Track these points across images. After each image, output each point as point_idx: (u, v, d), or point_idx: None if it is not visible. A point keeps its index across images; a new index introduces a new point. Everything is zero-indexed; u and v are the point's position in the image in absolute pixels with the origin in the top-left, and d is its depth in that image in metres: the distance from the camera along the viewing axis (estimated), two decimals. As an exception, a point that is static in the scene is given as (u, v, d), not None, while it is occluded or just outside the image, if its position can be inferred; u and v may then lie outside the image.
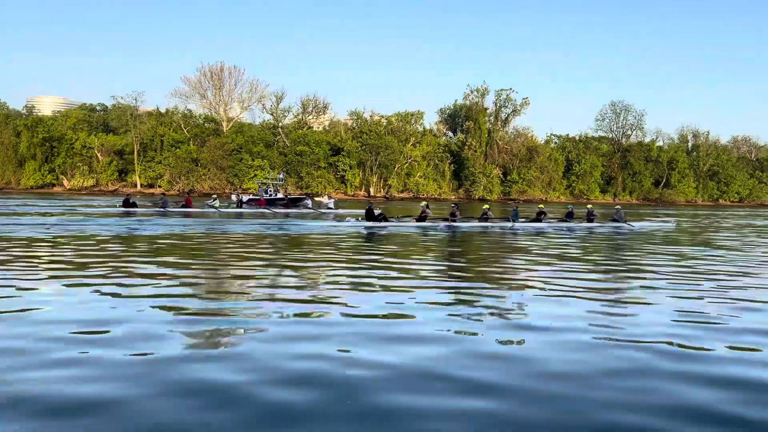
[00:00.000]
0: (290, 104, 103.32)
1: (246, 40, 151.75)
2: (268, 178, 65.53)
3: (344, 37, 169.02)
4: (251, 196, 55.01)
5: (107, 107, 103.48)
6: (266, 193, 55.15)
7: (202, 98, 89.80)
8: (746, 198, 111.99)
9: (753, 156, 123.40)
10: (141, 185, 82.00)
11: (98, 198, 61.44)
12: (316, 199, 53.26)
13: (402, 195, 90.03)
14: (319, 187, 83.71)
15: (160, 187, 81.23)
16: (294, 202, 45.68)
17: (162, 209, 31.81)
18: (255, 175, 77.49)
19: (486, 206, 27.63)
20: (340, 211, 37.42)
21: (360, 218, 24.33)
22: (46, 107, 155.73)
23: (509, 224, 24.60)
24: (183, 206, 33.69)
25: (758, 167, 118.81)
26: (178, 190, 78.57)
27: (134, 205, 32.16)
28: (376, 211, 24.38)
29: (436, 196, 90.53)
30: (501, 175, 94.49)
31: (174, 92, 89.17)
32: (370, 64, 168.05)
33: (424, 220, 23.76)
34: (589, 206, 28.91)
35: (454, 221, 24.06)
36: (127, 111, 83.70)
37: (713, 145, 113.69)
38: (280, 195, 55.39)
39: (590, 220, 26.68)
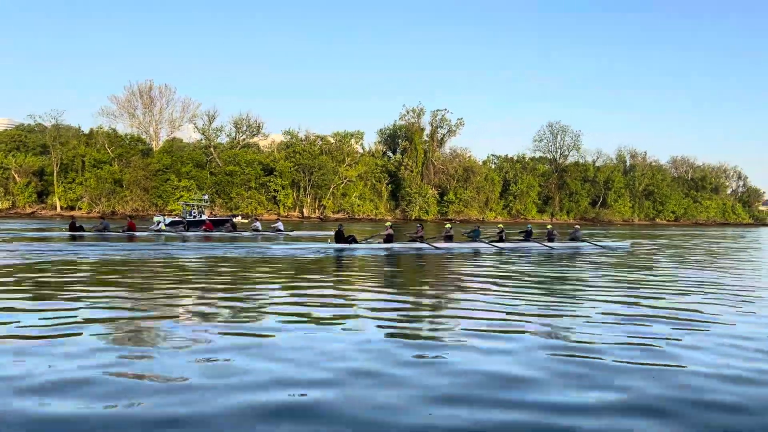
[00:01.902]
0: (222, 123, 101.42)
1: (182, 60, 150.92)
2: (193, 200, 63.78)
3: (287, 61, 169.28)
4: (174, 218, 53.13)
5: (46, 127, 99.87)
6: (190, 214, 53.45)
7: (131, 117, 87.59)
8: (681, 217, 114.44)
9: (689, 176, 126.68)
10: (61, 207, 78.74)
11: (13, 221, 58.02)
12: (234, 220, 51.73)
13: (337, 216, 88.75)
14: (249, 208, 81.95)
15: (80, 209, 78.27)
16: (216, 225, 43.98)
17: (103, 233, 30.60)
18: (181, 197, 75.21)
19: (448, 225, 26.86)
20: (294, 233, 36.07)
21: (330, 240, 23.74)
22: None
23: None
24: (126, 230, 32.47)
25: (693, 187, 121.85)
26: (99, 212, 75.70)
27: (81, 228, 31.17)
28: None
29: (372, 216, 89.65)
30: (437, 195, 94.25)
31: (101, 111, 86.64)
32: (313, 88, 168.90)
33: (391, 241, 23.10)
34: (549, 226, 28.50)
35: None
36: (46, 130, 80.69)
37: (648, 165, 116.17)
38: (204, 217, 53.71)
39: (551, 240, 25.58)
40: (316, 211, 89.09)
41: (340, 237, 22.56)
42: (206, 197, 63.81)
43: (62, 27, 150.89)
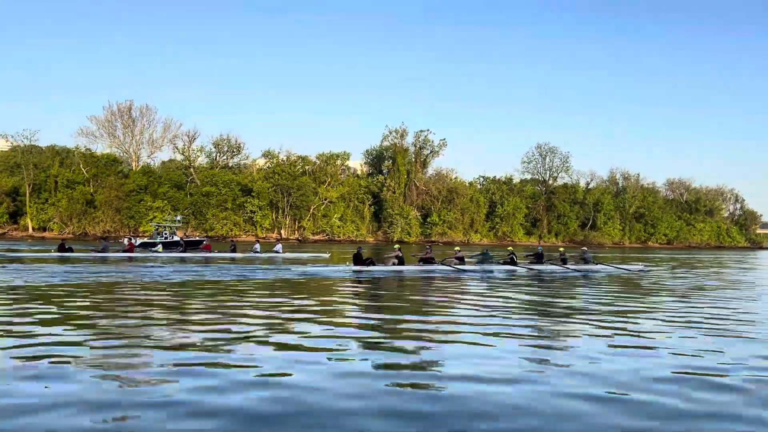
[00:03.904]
0: (203, 143, 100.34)
1: (163, 80, 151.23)
2: (167, 220, 62.39)
3: (272, 81, 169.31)
4: (145, 240, 51.84)
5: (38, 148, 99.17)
6: (161, 235, 52.17)
7: (111, 138, 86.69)
8: (674, 240, 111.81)
9: (684, 198, 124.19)
10: (33, 228, 77.40)
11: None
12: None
13: (316, 237, 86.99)
14: (224, 229, 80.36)
15: (51, 230, 76.91)
16: (187, 246, 42.60)
17: (103, 254, 30.10)
18: (154, 217, 73.76)
19: (457, 248, 26.82)
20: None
21: (348, 262, 24.32)
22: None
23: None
24: (125, 251, 32.42)
25: (687, 209, 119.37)
26: (71, 233, 74.30)
27: (70, 250, 30.91)
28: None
29: (353, 238, 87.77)
30: (420, 217, 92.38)
31: (80, 131, 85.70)
32: (302, 109, 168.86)
33: (402, 263, 23.45)
34: (561, 249, 28.04)
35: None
36: (18, 150, 79.73)
37: (640, 187, 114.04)
38: (177, 238, 52.30)
39: (564, 262, 25.01)
40: (295, 232, 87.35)
41: (358, 259, 23.07)
42: (179, 218, 62.45)
43: (40, 45, 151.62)
